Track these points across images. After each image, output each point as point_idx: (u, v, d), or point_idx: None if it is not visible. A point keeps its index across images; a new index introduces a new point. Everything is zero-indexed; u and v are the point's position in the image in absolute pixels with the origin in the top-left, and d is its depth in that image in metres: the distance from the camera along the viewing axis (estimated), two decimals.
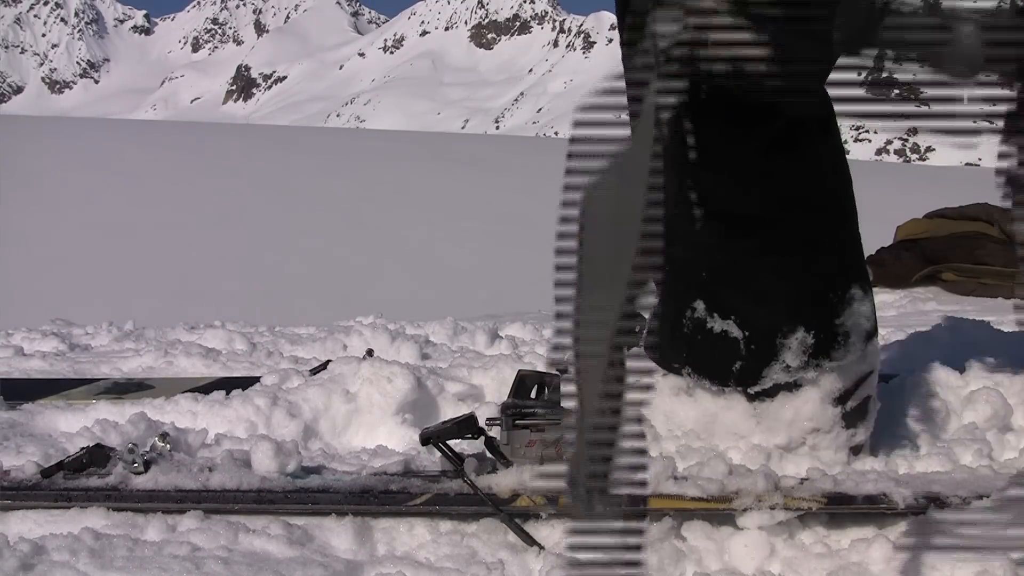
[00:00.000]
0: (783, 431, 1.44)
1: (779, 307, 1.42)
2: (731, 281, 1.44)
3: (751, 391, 1.44)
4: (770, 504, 1.26)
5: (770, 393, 1.43)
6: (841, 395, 1.45)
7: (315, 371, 2.13)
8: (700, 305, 1.44)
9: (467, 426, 1.36)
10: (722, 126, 1.37)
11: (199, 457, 1.51)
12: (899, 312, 3.96)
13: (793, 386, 1.43)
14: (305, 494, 1.35)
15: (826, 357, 1.42)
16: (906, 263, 5.24)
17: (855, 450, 1.47)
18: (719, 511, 1.29)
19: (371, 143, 25.21)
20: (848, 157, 1.57)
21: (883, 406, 1.70)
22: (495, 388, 2.07)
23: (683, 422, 1.48)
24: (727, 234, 1.43)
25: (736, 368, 1.43)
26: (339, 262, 9.91)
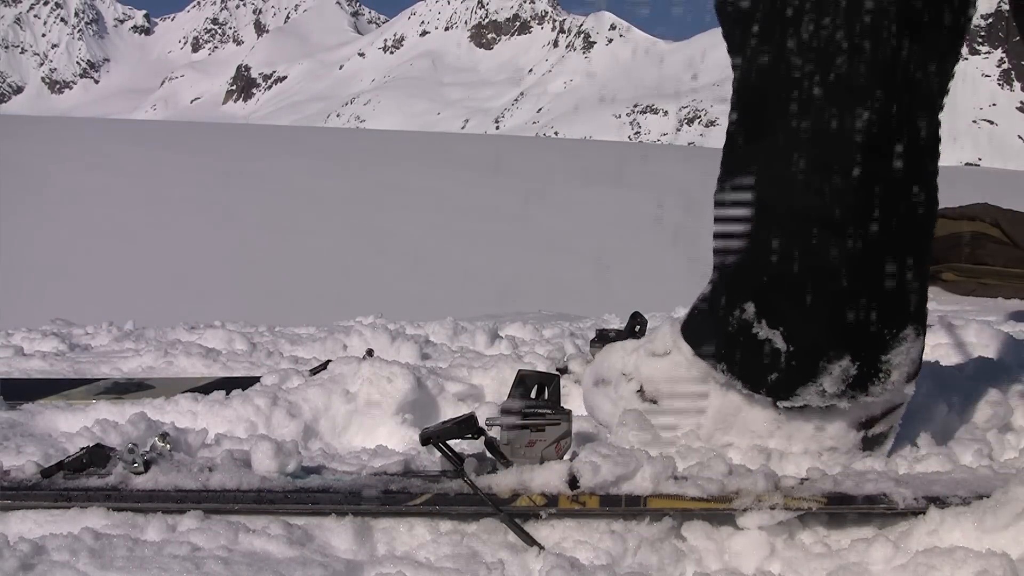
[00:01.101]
0: (801, 442, 1.43)
1: (831, 330, 1.38)
2: (790, 292, 1.40)
3: (780, 404, 1.42)
4: (770, 504, 1.26)
5: (795, 404, 1.41)
6: (866, 421, 1.44)
7: (315, 371, 2.13)
8: (751, 308, 1.41)
9: (467, 426, 1.36)
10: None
11: (199, 457, 1.51)
12: None
13: (821, 403, 1.41)
14: (305, 494, 1.35)
15: (863, 391, 1.40)
16: None
17: None
18: (719, 511, 1.29)
19: (371, 143, 25.22)
20: None
21: None
22: (495, 388, 2.07)
23: (703, 407, 1.47)
24: (799, 240, 1.38)
25: (772, 379, 1.40)
26: (339, 262, 9.91)
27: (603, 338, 2.07)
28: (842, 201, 1.36)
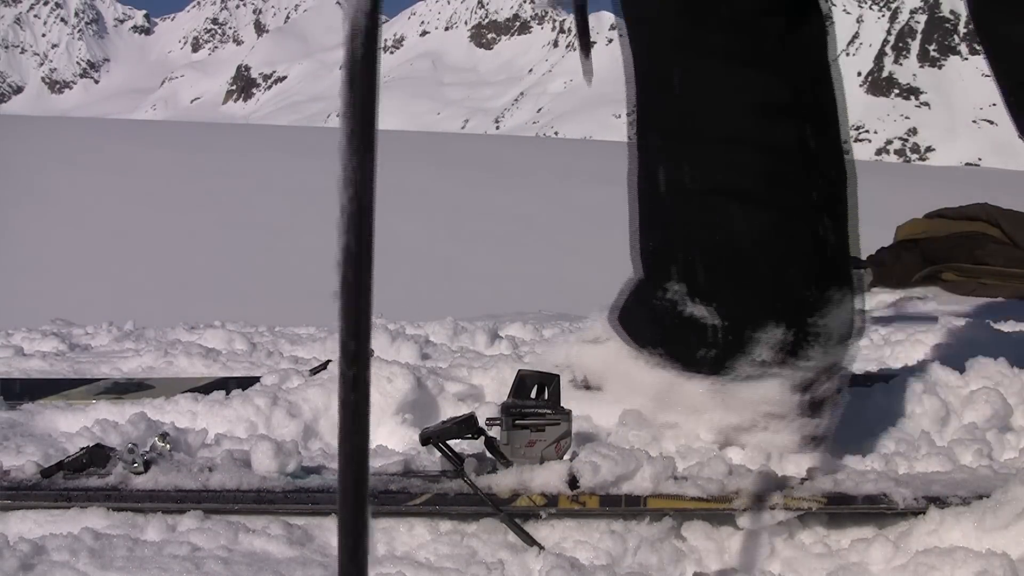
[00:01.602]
0: (740, 411, 1.43)
1: (759, 297, 1.41)
2: (714, 264, 1.43)
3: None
4: (770, 504, 1.26)
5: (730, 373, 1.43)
6: (805, 384, 1.44)
7: (315, 371, 2.12)
8: (677, 287, 1.43)
9: (467, 426, 1.36)
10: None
11: (199, 457, 1.51)
12: (899, 312, 3.96)
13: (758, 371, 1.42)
14: (305, 494, 1.35)
15: (799, 356, 1.41)
16: (906, 263, 5.24)
17: (816, 442, 1.45)
18: (719, 511, 1.29)
19: None
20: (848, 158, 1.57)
21: (883, 406, 1.70)
22: (495, 388, 2.07)
23: (640, 388, 1.48)
24: (717, 214, 1.42)
25: (706, 356, 1.43)
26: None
27: None
28: (751, 172, 1.40)
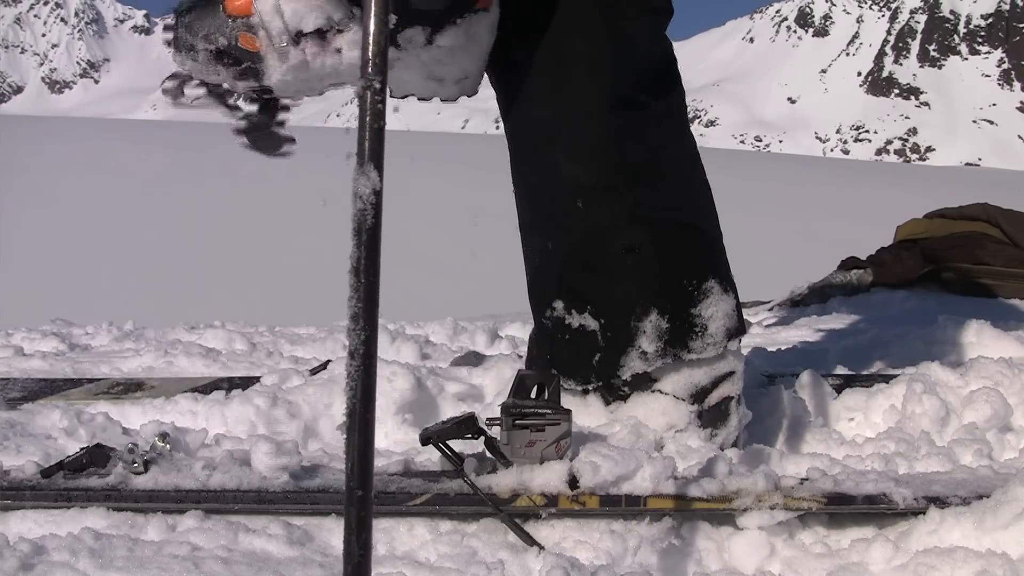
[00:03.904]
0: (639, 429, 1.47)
1: (631, 286, 1.45)
2: (584, 263, 1.47)
3: (609, 395, 1.47)
4: (770, 504, 1.26)
5: (623, 395, 1.46)
6: (697, 393, 1.47)
7: (315, 371, 2.12)
8: (559, 303, 1.49)
9: (467, 426, 1.36)
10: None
11: (199, 457, 1.51)
12: (899, 312, 3.96)
13: (646, 384, 1.45)
14: (305, 494, 1.35)
15: (683, 347, 1.45)
16: (906, 263, 5.23)
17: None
18: (719, 511, 1.29)
19: None
20: (848, 157, 1.57)
21: (883, 406, 1.70)
22: (495, 388, 2.07)
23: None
24: (581, 207, 1.46)
25: (596, 361, 1.46)
26: (339, 262, 9.89)
27: None
28: (601, 165, 1.44)
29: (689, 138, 1.54)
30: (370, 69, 0.83)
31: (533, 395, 1.39)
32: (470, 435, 1.37)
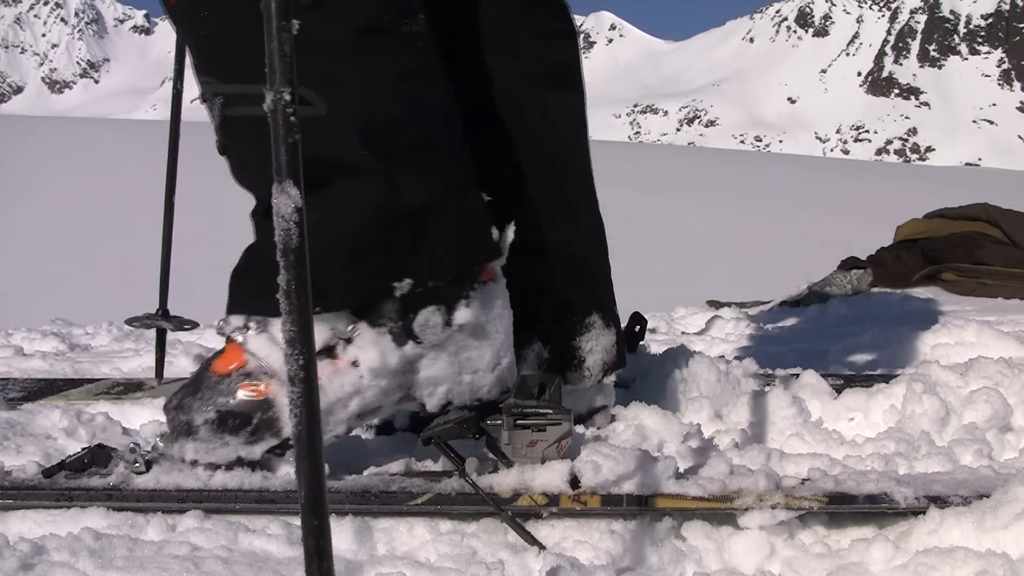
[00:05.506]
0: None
1: (518, 317, 1.46)
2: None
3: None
4: (771, 504, 1.26)
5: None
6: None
7: None
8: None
9: (468, 426, 1.36)
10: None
11: None
12: (899, 312, 3.96)
13: None
14: None
15: (561, 378, 1.46)
16: (906, 263, 5.24)
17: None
18: (719, 511, 1.29)
19: None
20: (848, 157, 1.58)
21: (883, 406, 1.70)
22: None
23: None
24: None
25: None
26: None
27: None
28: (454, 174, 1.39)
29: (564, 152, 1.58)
30: (277, 79, 0.77)
31: (534, 395, 1.39)
32: (471, 435, 1.37)
